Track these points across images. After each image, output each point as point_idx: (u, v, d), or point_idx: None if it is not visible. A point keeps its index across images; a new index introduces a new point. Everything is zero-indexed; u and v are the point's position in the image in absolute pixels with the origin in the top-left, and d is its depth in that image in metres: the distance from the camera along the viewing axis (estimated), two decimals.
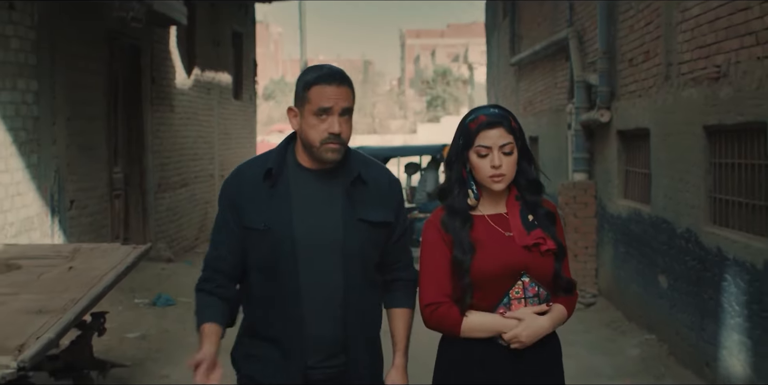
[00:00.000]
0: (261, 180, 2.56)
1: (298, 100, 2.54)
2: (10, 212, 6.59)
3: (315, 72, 2.53)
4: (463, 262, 2.48)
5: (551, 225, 2.56)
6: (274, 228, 2.52)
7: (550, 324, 2.51)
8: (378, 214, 2.59)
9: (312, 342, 2.53)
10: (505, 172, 2.51)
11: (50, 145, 7.33)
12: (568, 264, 2.62)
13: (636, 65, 7.14)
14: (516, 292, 2.50)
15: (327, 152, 2.50)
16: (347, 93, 2.52)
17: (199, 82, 12.45)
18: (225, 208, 2.62)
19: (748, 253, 4.80)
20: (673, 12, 6.11)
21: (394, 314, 2.70)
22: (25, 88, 6.88)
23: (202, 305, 2.59)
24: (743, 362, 4.88)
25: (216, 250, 2.63)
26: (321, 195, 2.56)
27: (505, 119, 2.51)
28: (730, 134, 5.21)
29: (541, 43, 11.15)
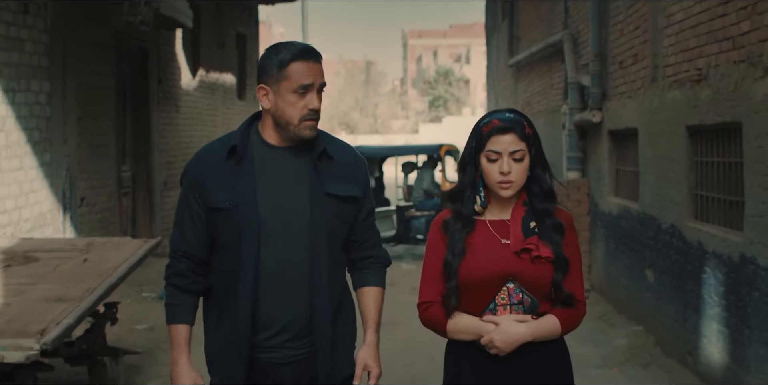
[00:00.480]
0: (224, 159, 2.53)
1: (270, 78, 2.49)
2: (25, 208, 6.89)
3: (288, 49, 2.49)
4: (451, 264, 2.48)
5: (556, 235, 2.51)
6: (239, 206, 2.49)
7: (528, 332, 2.45)
8: (345, 188, 2.57)
9: (277, 323, 2.51)
10: (513, 179, 2.47)
11: (62, 144, 7.62)
12: (580, 277, 2.54)
13: (625, 67, 7.42)
14: (501, 298, 2.49)
15: (305, 130, 2.50)
16: (321, 69, 2.53)
17: (203, 83, 12.74)
18: (188, 189, 2.58)
19: (725, 246, 5.07)
20: (658, 17, 6.39)
21: (364, 293, 2.69)
22: (38, 90, 7.18)
23: (173, 302, 2.59)
24: (721, 349, 5.16)
25: (182, 234, 2.58)
26: (287, 172, 2.54)
27: (518, 125, 2.48)
28: (710, 134, 5.49)
29: (537, 45, 11.43)
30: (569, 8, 9.80)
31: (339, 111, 53.52)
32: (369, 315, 2.65)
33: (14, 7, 6.77)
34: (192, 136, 12.06)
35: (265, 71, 2.51)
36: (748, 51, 4.72)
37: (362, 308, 2.68)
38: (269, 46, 2.57)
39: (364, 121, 56.19)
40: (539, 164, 2.53)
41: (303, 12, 21.04)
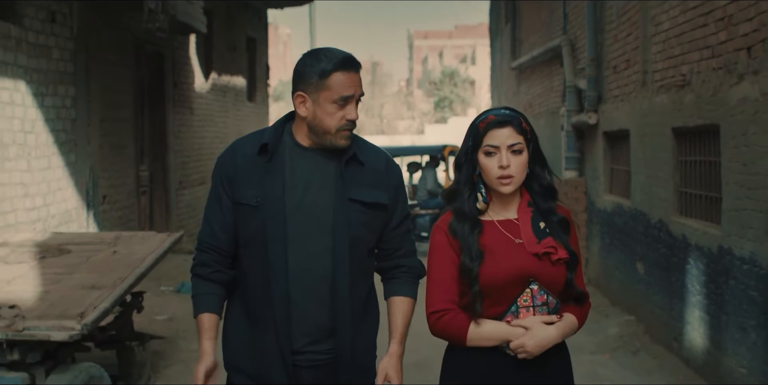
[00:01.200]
0: (255, 155, 2.52)
1: (309, 86, 2.46)
2: (53, 205, 7.33)
3: (330, 58, 2.46)
4: (471, 269, 2.41)
5: (564, 233, 2.49)
6: (265, 204, 2.47)
7: (558, 334, 2.42)
8: (371, 195, 2.53)
9: (299, 324, 2.49)
10: (513, 174, 2.43)
11: (86, 144, 8.06)
12: (582, 273, 2.56)
13: (619, 72, 7.83)
14: (524, 300, 2.43)
15: (342, 139, 2.48)
16: (360, 79, 2.51)
17: (215, 86, 13.18)
18: (219, 183, 2.56)
19: (705, 239, 5.49)
20: (648, 25, 6.80)
21: (393, 303, 2.63)
22: (64, 94, 7.62)
23: (199, 292, 2.57)
24: (703, 335, 5.57)
25: (210, 227, 2.57)
26: (316, 174, 2.51)
27: (515, 119, 2.45)
28: (692, 135, 5.90)
29: (538, 49, 11.84)
30: (568, 14, 10.21)
31: None
32: (395, 326, 2.60)
33: (43, 16, 7.21)
34: (204, 137, 12.50)
35: (303, 79, 2.47)
36: (725, 59, 5.13)
37: (390, 318, 2.62)
38: (308, 53, 2.54)
39: (370, 121, 56.55)
40: (538, 162, 2.50)
41: (311, 15, 21.45)
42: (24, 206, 6.81)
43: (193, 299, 2.58)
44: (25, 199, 6.83)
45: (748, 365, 4.80)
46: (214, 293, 2.57)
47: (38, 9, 7.13)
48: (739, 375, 4.93)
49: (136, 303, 5.86)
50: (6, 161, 6.53)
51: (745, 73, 4.82)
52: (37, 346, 4.38)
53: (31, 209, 6.96)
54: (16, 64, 6.72)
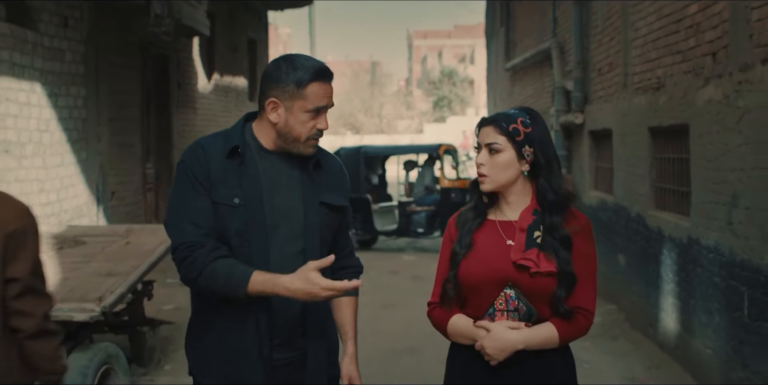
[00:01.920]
0: (225, 157, 2.48)
1: (283, 93, 2.44)
2: (65, 200, 7.74)
3: (307, 68, 2.45)
4: (457, 255, 2.46)
5: (563, 250, 2.41)
6: (247, 205, 2.46)
7: (519, 340, 2.37)
8: (336, 198, 2.60)
9: (277, 325, 2.49)
10: (486, 173, 2.44)
11: (96, 143, 8.47)
12: (592, 286, 2.46)
13: (603, 74, 8.25)
14: (500, 303, 2.43)
15: (309, 147, 2.51)
16: (332, 89, 2.53)
17: (218, 86, 13.59)
18: (195, 181, 2.46)
19: (677, 230, 5.90)
20: (628, 30, 7.21)
21: (341, 303, 2.68)
22: (76, 94, 8.03)
23: (232, 265, 2.42)
24: (675, 320, 5.98)
25: (198, 227, 2.44)
26: (283, 177, 2.53)
27: (506, 119, 2.44)
28: (666, 134, 6.31)
29: (530, 51, 12.25)
30: (558, 18, 10.62)
31: (345, 112, 54.32)
32: (348, 325, 2.66)
33: (56, 21, 7.62)
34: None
35: (278, 85, 2.45)
36: (694, 63, 5.54)
37: (339, 318, 2.67)
38: (282, 58, 2.51)
39: (369, 121, 56.94)
40: (542, 173, 2.44)
41: (310, 16, 21.85)
42: (39, 201, 7.22)
43: (232, 274, 2.38)
44: (40, 194, 7.24)
45: (713, 345, 5.21)
46: (242, 262, 2.42)
47: (52, 14, 7.53)
48: (706, 356, 5.34)
49: (146, 291, 6.26)
50: (23, 159, 6.94)
51: (711, 77, 5.23)
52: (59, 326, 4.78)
53: (46, 203, 7.36)
54: (33, 66, 7.13)
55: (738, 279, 4.79)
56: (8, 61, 6.71)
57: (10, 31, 6.77)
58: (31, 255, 2.57)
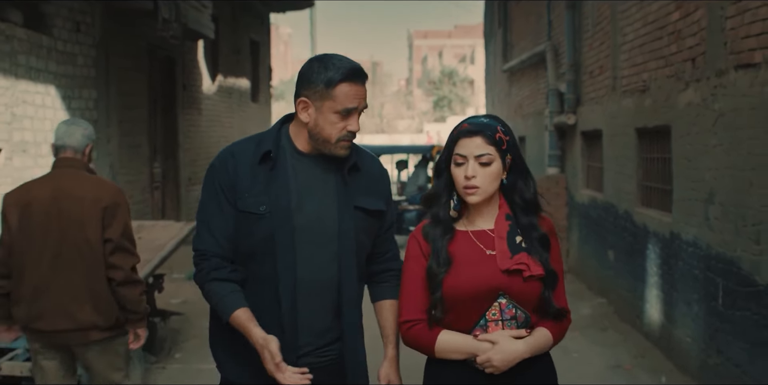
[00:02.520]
0: (257, 163, 2.47)
1: (314, 93, 2.42)
2: None
3: (338, 68, 2.41)
4: (437, 274, 2.37)
5: (543, 250, 2.42)
6: (274, 213, 2.43)
7: (526, 349, 2.35)
8: (372, 202, 2.55)
9: (305, 332, 2.47)
10: (478, 185, 2.37)
11: (106, 143, 8.79)
12: (562, 285, 2.48)
13: (594, 77, 8.57)
14: (493, 314, 2.38)
15: (341, 149, 2.46)
16: (366, 91, 2.48)
17: (221, 88, 13.92)
18: (219, 190, 2.48)
19: (661, 226, 6.22)
20: (617, 35, 7.53)
21: (384, 306, 2.63)
22: (87, 97, 8.35)
23: (223, 292, 2.44)
24: (659, 311, 6.31)
25: (212, 235, 2.47)
26: (317, 181, 2.49)
27: (487, 129, 2.39)
28: (651, 135, 6.64)
29: (526, 53, 12.57)
30: (552, 21, 10.94)
31: None
32: (389, 330, 2.60)
33: (69, 26, 7.94)
34: (212, 136, 13.24)
35: (309, 85, 2.43)
36: (676, 68, 5.86)
37: (382, 322, 2.63)
38: (317, 58, 2.48)
39: (370, 121, 57.25)
40: (519, 174, 2.44)
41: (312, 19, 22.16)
42: None
43: (220, 303, 2.44)
44: None
45: (692, 334, 5.54)
46: (237, 290, 2.45)
47: (65, 20, 7.86)
48: (686, 344, 5.67)
49: (158, 284, 6.58)
50: (39, 158, 7.26)
51: (690, 81, 5.55)
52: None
53: None
54: (47, 70, 7.46)
55: (714, 271, 5.12)
56: (25, 64, 7.04)
57: (27, 37, 7.09)
58: (122, 222, 3.72)
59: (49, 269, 3.72)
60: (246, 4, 15.35)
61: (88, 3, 8.31)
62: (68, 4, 7.90)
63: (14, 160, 6.87)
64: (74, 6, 8.03)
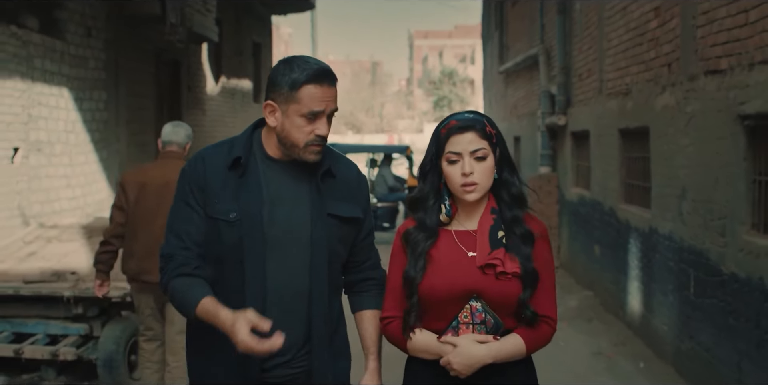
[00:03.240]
0: (227, 168, 2.38)
1: (279, 96, 2.33)
2: (89, 195, 8.45)
3: (302, 69, 2.32)
4: (413, 279, 2.33)
5: (525, 247, 2.33)
6: (243, 220, 2.34)
7: (488, 354, 2.27)
8: (347, 209, 2.46)
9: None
10: (477, 181, 2.30)
11: (115, 143, 9.18)
12: (551, 292, 2.37)
13: (583, 80, 8.95)
14: (464, 316, 2.32)
15: (310, 154, 2.37)
16: (335, 93, 2.38)
17: (225, 89, 14.30)
18: (190, 194, 2.40)
19: (641, 221, 6.61)
20: (603, 41, 7.91)
21: (364, 317, 2.55)
22: (98, 98, 8.74)
23: (188, 285, 2.33)
24: (639, 301, 6.69)
25: (180, 240, 2.38)
26: (289, 188, 2.41)
27: (478, 123, 2.32)
28: (633, 135, 7.02)
29: (521, 56, 12.95)
30: (545, 25, 11.32)
31: (345, 111, 55.03)
32: (371, 340, 2.52)
33: (81, 31, 8.33)
34: (215, 136, 13.61)
35: (275, 88, 2.35)
36: (654, 73, 6.25)
37: (362, 332, 2.55)
38: (283, 60, 2.40)
39: (370, 121, 57.63)
40: (506, 167, 2.38)
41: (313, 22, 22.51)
42: (66, 196, 7.94)
43: (185, 296, 2.31)
44: (67, 189, 7.95)
45: (668, 322, 5.92)
46: (203, 284, 2.34)
47: (77, 25, 8.25)
48: (662, 332, 6.05)
49: None
50: (53, 157, 7.66)
51: (666, 85, 5.93)
52: (95, 302, 5.50)
53: (72, 198, 8.08)
54: (61, 73, 7.85)
55: (686, 262, 5.50)
56: (40, 68, 7.43)
57: (42, 41, 7.48)
58: None
59: (159, 234, 4.22)
60: (248, 6, 15.73)
61: (98, 8, 8.69)
62: (80, 9, 8.29)
63: (30, 158, 7.26)
64: (86, 11, 8.42)
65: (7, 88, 6.83)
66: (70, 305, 5.45)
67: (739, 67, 4.63)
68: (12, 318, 5.62)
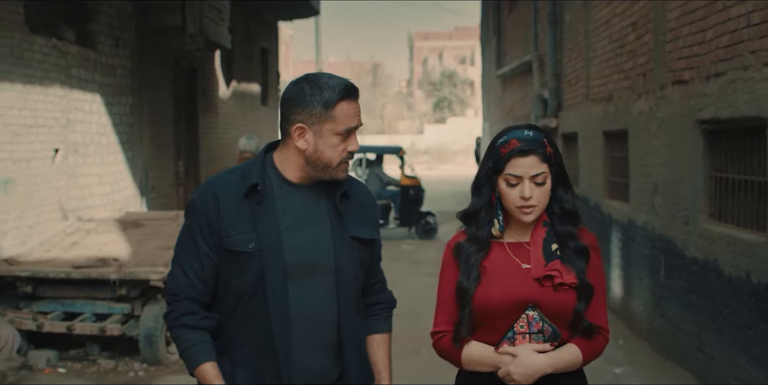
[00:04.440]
0: (242, 197, 2.31)
1: (311, 117, 2.28)
2: (117, 192, 9.20)
3: (332, 87, 2.28)
4: (467, 291, 2.32)
5: (580, 260, 2.34)
6: (264, 250, 2.28)
7: (548, 364, 2.29)
8: (365, 231, 2.43)
9: (305, 372, 2.32)
10: (535, 204, 2.30)
11: (140, 144, 9.92)
12: (603, 303, 2.42)
13: (572, 86, 9.70)
14: (521, 326, 2.31)
15: (342, 172, 2.35)
16: (360, 107, 2.36)
17: (235, 93, 15.05)
18: (198, 227, 2.32)
19: (621, 215, 7.35)
20: (589, 50, 8.66)
21: (375, 341, 2.53)
22: (125, 103, 9.48)
23: (192, 342, 2.30)
24: (619, 287, 7.43)
25: (186, 276, 2.32)
26: (309, 212, 2.36)
27: (539, 146, 2.30)
28: (614, 137, 7.76)
29: (517, 61, 13.70)
30: (539, 33, 12.06)
31: None
32: (382, 364, 2.51)
33: (110, 42, 9.07)
34: (227, 137, 14.36)
35: (303, 109, 2.28)
36: (632, 81, 6.99)
37: (373, 357, 2.51)
38: (302, 79, 2.34)
39: (371, 122, 58.23)
40: (561, 184, 2.38)
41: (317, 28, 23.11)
42: (99, 192, 8.68)
43: (187, 352, 2.30)
44: (99, 186, 8.70)
45: (643, 302, 6.66)
46: (207, 341, 2.32)
47: (107, 37, 8.99)
48: (638, 312, 6.79)
49: None
50: (87, 157, 8.40)
51: (642, 93, 6.67)
52: (136, 285, 6.24)
53: (103, 194, 8.82)
54: (94, 80, 8.59)
55: (658, 249, 6.24)
56: (76, 76, 8.17)
57: (78, 52, 8.22)
58: None
59: None
60: (257, 13, 16.47)
61: (126, 21, 9.44)
62: (110, 22, 9.04)
63: (68, 158, 8.00)
64: (114, 24, 9.16)
65: (49, 95, 7.57)
66: (115, 287, 6.19)
67: (699, 79, 5.38)
68: (62, 299, 6.36)
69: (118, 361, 6.36)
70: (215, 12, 11.64)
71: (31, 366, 6.09)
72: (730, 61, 4.86)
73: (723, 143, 5.20)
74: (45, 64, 7.49)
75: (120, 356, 6.47)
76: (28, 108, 7.16)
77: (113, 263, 6.42)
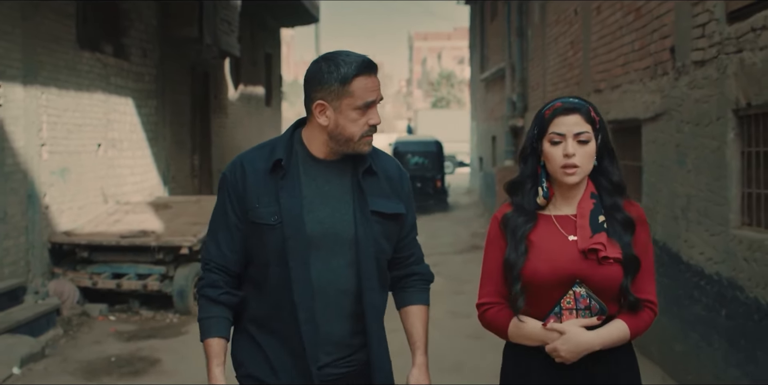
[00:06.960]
0: (268, 172, 2.39)
1: (329, 93, 2.33)
2: (145, 181, 10.81)
3: (348, 63, 2.33)
4: (515, 265, 2.30)
5: (625, 233, 2.29)
6: (285, 223, 2.34)
7: (596, 341, 2.26)
8: (391, 205, 2.46)
9: (325, 341, 2.39)
10: (578, 163, 2.26)
11: (163, 141, 11.53)
12: (651, 276, 2.35)
13: (534, 90, 11.31)
14: (567, 302, 2.28)
15: (365, 145, 2.38)
16: (379, 81, 2.39)
17: (243, 95, 16.65)
18: (228, 201, 2.42)
19: None
20: (545, 62, 10.26)
21: (411, 312, 2.56)
22: (151, 105, 11.09)
23: (207, 315, 2.42)
24: None
25: (217, 246, 2.44)
26: (332, 187, 2.42)
27: (583, 107, 2.30)
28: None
29: (495, 67, 15.28)
30: (511, 43, 13.65)
31: None
32: (418, 336, 2.53)
33: (139, 53, 10.68)
34: (236, 135, 15.97)
35: (322, 86, 2.35)
36: (570, 89, 8.59)
37: (409, 328, 2.56)
38: (323, 58, 2.40)
39: None
40: (607, 155, 2.35)
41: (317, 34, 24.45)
42: (131, 181, 10.29)
43: (201, 323, 2.44)
44: (131, 176, 10.31)
45: None
46: (223, 316, 2.43)
47: (137, 48, 10.60)
48: None
49: None
50: (122, 151, 10.01)
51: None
52: (171, 251, 7.84)
53: (134, 183, 10.43)
54: (127, 87, 10.20)
55: None
56: (114, 83, 9.78)
57: (115, 63, 9.83)
58: None
59: None
60: (261, 21, 18.06)
61: (152, 34, 11.05)
62: (139, 35, 10.65)
63: (108, 152, 9.62)
64: (143, 37, 10.77)
65: (93, 99, 9.17)
66: (154, 252, 7.80)
67: (608, 88, 6.98)
68: (111, 262, 7.98)
69: (155, 313, 7.98)
70: (227, 24, 13.22)
71: (89, 314, 7.71)
72: (624, 76, 6.46)
73: (619, 140, 6.81)
74: (91, 74, 9.09)
75: (157, 309, 8.08)
76: (78, 110, 8.77)
77: (151, 234, 8.03)
